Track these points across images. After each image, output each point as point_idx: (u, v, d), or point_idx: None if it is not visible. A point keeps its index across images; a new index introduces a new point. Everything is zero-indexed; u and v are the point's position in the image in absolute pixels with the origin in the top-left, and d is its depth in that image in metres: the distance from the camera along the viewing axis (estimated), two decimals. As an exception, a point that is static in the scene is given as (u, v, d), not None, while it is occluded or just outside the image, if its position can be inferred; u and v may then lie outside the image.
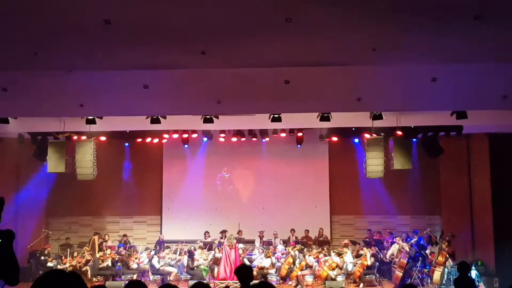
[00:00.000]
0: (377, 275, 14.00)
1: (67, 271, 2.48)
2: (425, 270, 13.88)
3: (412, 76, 9.97)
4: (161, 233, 16.71)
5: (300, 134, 15.50)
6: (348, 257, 14.00)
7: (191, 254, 14.46)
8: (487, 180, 15.10)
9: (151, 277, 14.09)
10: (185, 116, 12.34)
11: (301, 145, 15.87)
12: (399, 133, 13.02)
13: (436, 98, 10.29)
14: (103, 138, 14.20)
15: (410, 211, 16.80)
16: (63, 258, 14.60)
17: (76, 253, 14.70)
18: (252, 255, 14.98)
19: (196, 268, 14.22)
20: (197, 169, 17.19)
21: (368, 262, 13.80)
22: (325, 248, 14.95)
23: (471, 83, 10.00)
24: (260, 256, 14.60)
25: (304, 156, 16.68)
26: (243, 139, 15.71)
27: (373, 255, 14.05)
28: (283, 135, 15.52)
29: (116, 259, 14.38)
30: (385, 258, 14.47)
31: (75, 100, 10.50)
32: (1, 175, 15.28)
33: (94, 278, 13.91)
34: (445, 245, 13.83)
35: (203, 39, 8.15)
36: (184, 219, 16.79)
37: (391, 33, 7.88)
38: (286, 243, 15.68)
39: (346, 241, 15.03)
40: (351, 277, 13.89)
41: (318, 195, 16.95)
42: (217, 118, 12.01)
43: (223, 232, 15.08)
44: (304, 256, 14.38)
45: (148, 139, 15.62)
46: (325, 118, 11.54)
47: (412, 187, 16.30)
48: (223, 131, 15.52)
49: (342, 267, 13.87)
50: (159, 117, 11.84)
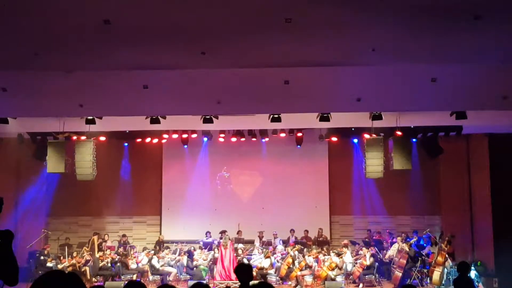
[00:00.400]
0: (376, 275, 13.99)
1: (66, 272, 2.48)
2: (425, 270, 13.88)
3: (412, 77, 9.97)
4: (160, 233, 16.72)
5: (299, 134, 15.49)
6: (348, 257, 14.00)
7: (190, 254, 14.46)
8: (487, 180, 15.11)
9: (151, 277, 14.08)
10: (184, 116, 12.34)
11: (300, 145, 15.86)
12: (399, 133, 13.03)
13: (436, 98, 10.29)
14: (102, 138, 14.18)
15: (410, 211, 16.79)
16: (62, 258, 14.58)
17: (75, 253, 14.69)
18: (251, 255, 14.97)
19: (195, 268, 14.22)
20: (197, 169, 17.17)
21: (367, 262, 13.81)
22: (324, 248, 14.96)
23: (470, 84, 10.00)
24: (260, 256, 14.59)
25: (304, 156, 16.66)
26: (242, 139, 15.70)
27: (372, 255, 14.05)
28: (282, 135, 15.51)
29: (116, 259, 14.37)
30: (385, 258, 14.48)
31: (74, 100, 10.50)
32: (0, 175, 15.28)
33: (93, 279, 13.91)
34: (444, 245, 13.83)
35: (203, 40, 8.15)
36: (183, 219, 16.78)
37: (391, 33, 7.88)
38: (285, 243, 15.67)
39: (345, 241, 15.04)
40: (350, 277, 13.89)
41: (317, 195, 16.93)
42: (217, 118, 12.01)
43: (223, 232, 15.09)
44: (303, 256, 14.37)
45: (148, 139, 15.61)
46: (324, 118, 11.56)
47: (411, 187, 16.29)
48: (222, 131, 15.51)
49: (341, 267, 13.86)
50: (159, 117, 11.84)
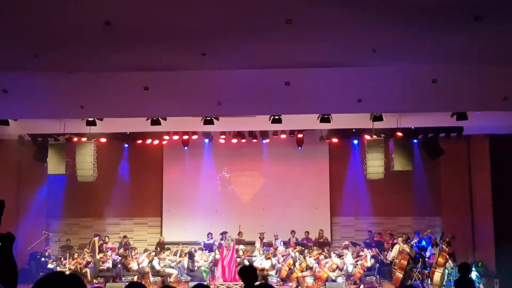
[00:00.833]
0: (377, 276, 13.98)
1: (67, 273, 2.47)
2: (425, 271, 13.86)
3: (413, 78, 9.97)
4: (161, 235, 16.71)
5: (300, 135, 15.48)
6: (349, 258, 13.99)
7: (191, 256, 14.45)
8: (488, 181, 15.10)
9: (152, 278, 14.07)
10: (185, 117, 12.34)
11: (301, 146, 15.85)
12: (400, 134, 13.02)
13: (437, 99, 10.29)
14: (103, 140, 14.18)
15: (411, 212, 16.78)
16: (63, 260, 14.58)
17: (76, 254, 14.70)
18: (252, 256, 14.96)
19: (196, 269, 14.20)
20: (198, 171, 17.15)
21: (368, 263, 13.79)
22: (325, 250, 14.95)
23: (471, 85, 9.99)
24: (261, 257, 14.58)
25: (304, 157, 16.64)
26: (243, 140, 15.70)
27: (373, 257, 14.03)
28: (283, 136, 15.50)
29: (117, 261, 14.37)
30: (386, 259, 14.45)
31: (75, 101, 10.52)
32: (1, 176, 15.28)
33: (94, 280, 13.91)
34: (445, 246, 13.81)
35: (204, 41, 8.15)
36: (184, 221, 16.78)
37: (392, 34, 7.88)
38: (286, 244, 15.66)
39: (346, 242, 15.02)
40: (351, 278, 13.87)
41: (318, 197, 16.92)
42: (217, 119, 12.01)
43: (223, 233, 15.09)
44: (304, 258, 14.36)
45: (149, 141, 15.63)
46: (325, 119, 11.56)
47: (412, 188, 16.27)
48: (223, 133, 15.52)
49: (342, 268, 13.85)
50: (159, 118, 11.84)
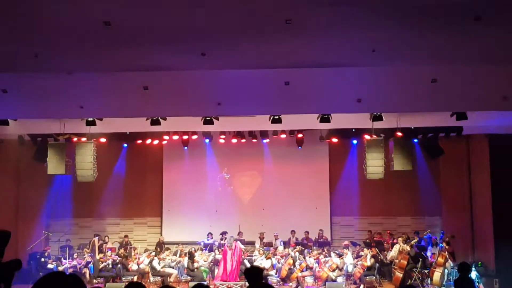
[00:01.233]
0: (377, 276, 13.98)
1: (67, 273, 2.47)
2: (425, 271, 13.86)
3: (412, 77, 9.96)
4: (161, 235, 16.71)
5: (300, 135, 15.48)
6: (348, 258, 13.99)
7: (191, 256, 14.45)
8: (487, 181, 15.10)
9: (152, 278, 14.07)
10: (185, 117, 12.34)
11: (301, 146, 15.84)
12: (399, 134, 13.03)
13: (436, 99, 10.28)
14: (103, 140, 14.17)
15: (411, 212, 16.79)
16: (63, 260, 14.58)
17: (76, 254, 14.70)
18: (252, 256, 14.97)
19: (196, 269, 14.21)
20: (197, 171, 17.16)
21: (368, 263, 13.80)
22: (325, 249, 14.95)
23: (471, 84, 9.99)
24: (261, 257, 14.58)
25: (304, 157, 16.64)
26: (243, 140, 15.71)
27: (373, 256, 14.03)
28: (283, 136, 15.50)
29: (117, 261, 14.37)
30: (386, 259, 14.46)
31: (75, 101, 10.51)
32: (1, 176, 15.28)
33: (94, 280, 13.91)
34: (445, 245, 13.81)
35: (203, 41, 8.15)
36: (184, 221, 16.79)
37: (391, 33, 7.87)
38: (286, 244, 15.66)
39: (346, 242, 15.02)
40: (351, 278, 13.88)
41: (318, 196, 16.92)
42: (217, 119, 12.01)
43: (223, 233, 15.09)
44: (304, 258, 14.37)
45: (148, 141, 15.63)
46: (325, 119, 11.55)
47: (412, 188, 16.29)
48: (223, 133, 15.52)
49: (342, 268, 13.86)
50: (159, 118, 11.84)
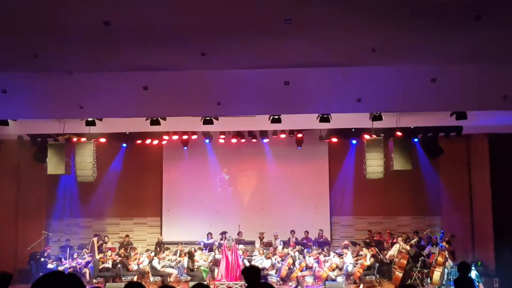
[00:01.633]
0: (377, 275, 13.99)
1: (66, 273, 2.47)
2: (425, 270, 13.86)
3: (412, 77, 9.96)
4: (161, 235, 16.71)
5: (300, 135, 15.48)
6: (348, 258, 14.00)
7: (191, 256, 14.45)
8: (487, 180, 15.11)
9: (152, 278, 14.07)
10: (185, 117, 12.33)
11: (301, 146, 15.83)
12: (399, 133, 13.02)
13: (436, 98, 10.28)
14: (103, 140, 14.18)
15: (410, 211, 16.80)
16: (63, 260, 14.58)
17: (76, 255, 14.70)
18: (252, 256, 14.97)
19: (196, 269, 14.21)
20: (197, 171, 17.16)
21: (368, 262, 13.80)
22: (325, 249, 14.95)
23: (470, 84, 9.99)
24: (260, 257, 14.58)
25: (304, 157, 16.64)
26: (243, 140, 15.71)
27: (373, 256, 14.04)
28: (283, 136, 15.51)
29: (117, 261, 14.37)
30: (386, 258, 14.46)
31: (75, 101, 10.50)
32: (1, 176, 15.28)
33: (94, 280, 13.92)
34: (445, 245, 13.81)
35: (203, 41, 8.14)
36: (184, 221, 16.79)
37: (391, 33, 7.87)
38: (286, 244, 15.66)
39: (346, 242, 15.04)
40: (351, 278, 13.89)
41: (318, 196, 16.93)
42: (217, 119, 12.01)
43: (223, 233, 15.09)
44: (304, 257, 14.38)
45: (148, 141, 15.63)
46: (324, 119, 11.55)
47: (412, 188, 16.30)
48: (223, 133, 15.52)
49: (342, 268, 13.86)
50: (159, 118, 11.84)
